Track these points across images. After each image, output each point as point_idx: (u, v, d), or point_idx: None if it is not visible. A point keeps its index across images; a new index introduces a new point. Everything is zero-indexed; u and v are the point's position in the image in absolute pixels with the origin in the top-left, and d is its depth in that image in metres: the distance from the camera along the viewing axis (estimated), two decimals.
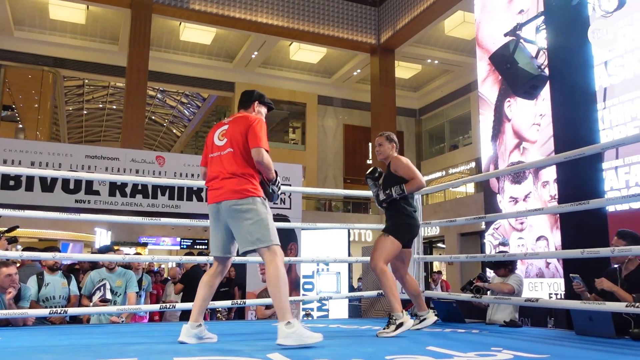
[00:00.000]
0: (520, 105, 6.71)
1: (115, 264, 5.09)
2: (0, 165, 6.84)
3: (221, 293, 6.90)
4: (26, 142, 9.76)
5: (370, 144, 21.54)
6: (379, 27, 20.14)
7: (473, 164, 21.06)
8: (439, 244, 19.89)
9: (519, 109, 6.74)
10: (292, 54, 21.52)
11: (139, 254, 12.05)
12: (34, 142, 10.24)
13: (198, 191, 7.75)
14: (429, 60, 21.25)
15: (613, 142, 3.84)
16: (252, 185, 2.94)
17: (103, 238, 14.82)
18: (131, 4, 16.86)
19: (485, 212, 6.95)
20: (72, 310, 4.44)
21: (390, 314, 3.43)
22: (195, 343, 2.87)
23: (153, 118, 29.23)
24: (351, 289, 11.84)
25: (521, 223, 6.58)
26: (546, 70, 6.26)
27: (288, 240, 8.02)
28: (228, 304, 5.19)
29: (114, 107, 26.81)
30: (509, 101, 6.90)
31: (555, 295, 5.99)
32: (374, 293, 5.23)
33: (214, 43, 20.53)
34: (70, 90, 24.21)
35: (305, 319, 7.64)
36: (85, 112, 27.57)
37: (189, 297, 6.20)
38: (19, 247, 6.40)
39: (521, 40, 6.71)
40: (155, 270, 10.02)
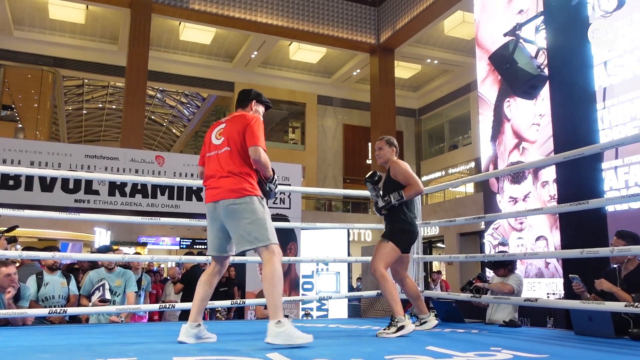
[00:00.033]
0: (520, 105, 6.71)
1: (114, 264, 5.09)
2: (0, 164, 6.84)
3: (221, 293, 6.90)
4: (26, 142, 9.76)
5: (369, 144, 21.54)
6: (379, 27, 20.13)
7: (472, 164, 21.07)
8: (438, 244, 19.90)
9: (518, 109, 6.74)
10: (292, 53, 21.52)
11: (139, 253, 12.06)
12: (34, 142, 10.24)
13: (197, 191, 7.75)
14: (429, 60, 21.26)
15: (612, 142, 3.85)
16: (250, 184, 2.93)
17: (102, 238, 14.80)
18: (131, 3, 16.85)
19: (485, 212, 6.95)
20: (72, 310, 4.44)
21: (392, 317, 3.44)
22: (194, 343, 2.87)
23: (152, 118, 29.22)
24: (350, 288, 11.84)
25: (520, 223, 6.58)
26: (546, 70, 6.27)
27: (287, 240, 8.03)
28: (227, 303, 5.19)
29: (114, 107, 26.80)
30: (509, 101, 6.90)
31: (553, 295, 5.99)
32: (373, 293, 5.23)
33: (214, 43, 20.52)
34: (69, 90, 24.21)
35: (304, 318, 7.64)
36: (84, 112, 27.56)
37: (188, 297, 6.19)
38: (19, 247, 6.39)
39: (521, 40, 6.72)
40: (155, 270, 10.02)
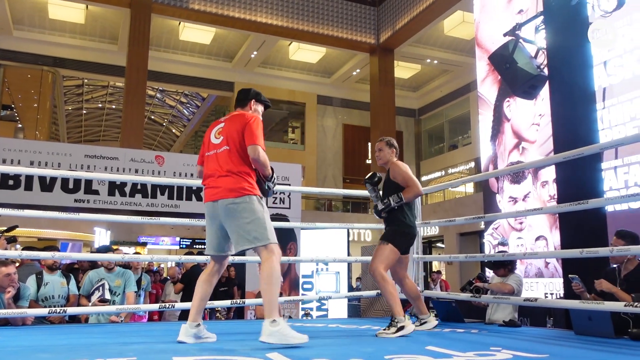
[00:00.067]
0: (520, 105, 6.71)
1: (114, 264, 5.08)
2: (0, 164, 6.84)
3: (220, 293, 6.90)
4: (25, 142, 9.75)
5: (369, 144, 21.54)
6: (379, 27, 20.13)
7: (472, 164, 21.07)
8: (438, 244, 19.90)
9: (518, 108, 6.75)
10: (292, 53, 21.51)
11: (138, 253, 12.06)
12: (33, 142, 10.23)
13: (197, 191, 7.75)
14: (429, 60, 21.26)
15: (612, 142, 3.85)
16: (249, 183, 2.94)
17: (102, 237, 14.80)
18: (130, 3, 16.84)
19: (485, 212, 6.95)
20: (71, 309, 4.43)
21: (392, 317, 3.44)
22: (194, 342, 2.87)
23: (152, 118, 29.22)
24: (350, 288, 11.84)
25: (520, 223, 6.58)
26: (545, 70, 6.27)
27: (287, 240, 8.03)
28: (227, 303, 5.19)
29: (114, 107, 26.79)
30: (508, 101, 6.90)
31: (551, 295, 5.99)
32: (373, 293, 5.23)
33: (214, 43, 20.52)
34: (69, 90, 24.20)
35: (304, 318, 7.63)
36: (84, 112, 27.56)
37: (189, 297, 6.17)
38: (18, 247, 6.39)
39: (520, 40, 6.72)
40: (155, 269, 10.02)
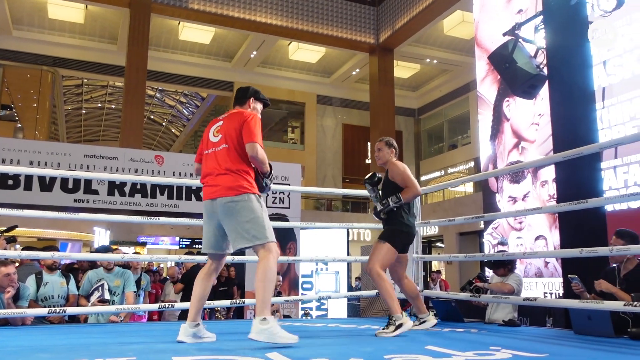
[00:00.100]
0: (519, 105, 6.71)
1: (113, 264, 5.08)
2: None
3: (220, 292, 6.91)
4: (25, 142, 9.75)
5: (369, 144, 21.54)
6: (378, 27, 20.13)
7: (472, 164, 21.08)
8: (437, 244, 19.91)
9: (517, 108, 6.75)
10: (291, 53, 21.51)
11: (138, 253, 12.06)
12: (33, 142, 10.23)
13: (197, 190, 7.75)
14: (428, 60, 21.26)
15: (611, 142, 3.84)
16: (247, 181, 2.94)
17: (102, 237, 14.78)
18: (130, 3, 16.84)
19: (484, 212, 6.95)
20: (71, 309, 4.43)
21: (390, 315, 3.44)
22: (193, 342, 2.87)
23: (152, 117, 29.21)
24: (350, 288, 11.84)
25: (520, 222, 6.58)
26: (545, 70, 6.27)
27: (287, 240, 8.03)
28: (227, 303, 5.19)
29: (113, 107, 26.78)
30: (508, 101, 6.90)
31: (550, 295, 5.99)
32: (372, 293, 5.23)
33: (213, 42, 20.51)
34: (69, 90, 24.19)
35: (304, 318, 7.64)
36: (84, 112, 27.55)
37: (189, 297, 6.17)
38: (18, 247, 6.39)
39: (520, 40, 6.72)
40: (154, 269, 10.02)
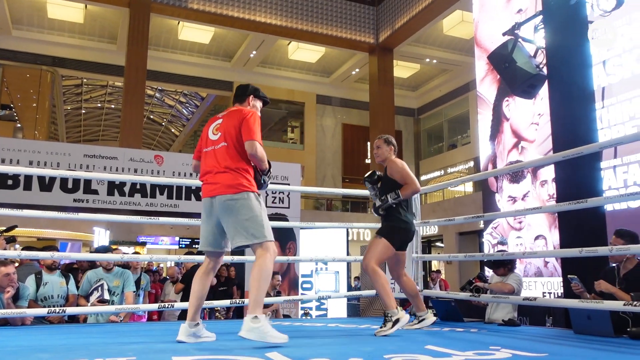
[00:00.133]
0: (519, 105, 6.72)
1: (112, 264, 5.07)
2: None
3: (220, 292, 6.91)
4: (24, 142, 9.75)
5: (368, 144, 21.54)
6: (378, 27, 20.13)
7: (471, 163, 21.08)
8: (437, 243, 19.91)
9: (517, 108, 6.75)
10: (291, 53, 21.51)
11: (138, 253, 12.06)
12: (32, 142, 10.23)
13: (196, 190, 7.74)
14: (428, 60, 21.26)
15: (611, 141, 3.84)
16: (247, 180, 2.94)
17: (101, 237, 14.78)
18: (129, 3, 16.83)
19: (484, 211, 6.95)
20: (71, 309, 4.43)
21: (385, 312, 3.44)
22: (193, 342, 2.87)
23: (151, 117, 29.21)
24: (349, 288, 11.84)
25: (520, 222, 6.58)
26: (544, 70, 6.27)
27: (287, 239, 8.03)
28: (226, 303, 5.19)
29: (113, 107, 26.78)
30: (508, 100, 6.90)
31: (549, 294, 6.00)
32: (372, 292, 5.23)
33: (213, 42, 20.51)
34: (68, 90, 24.18)
35: (304, 318, 7.64)
36: (83, 112, 27.54)
37: (189, 297, 6.19)
38: (18, 247, 6.39)
39: (519, 40, 6.72)
40: (154, 269, 10.02)
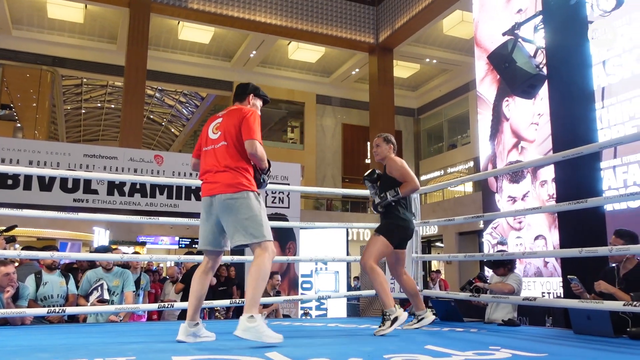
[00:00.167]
0: (519, 105, 6.72)
1: (112, 264, 5.07)
2: None
3: (220, 292, 6.91)
4: (24, 141, 9.75)
5: (368, 144, 21.54)
6: (378, 27, 20.13)
7: (471, 163, 21.08)
8: (437, 243, 19.91)
9: (517, 108, 6.75)
10: (291, 53, 21.51)
11: (138, 253, 12.06)
12: (32, 141, 10.22)
13: (196, 190, 7.74)
14: (428, 60, 21.26)
15: (611, 141, 3.84)
16: (247, 179, 2.94)
17: (101, 237, 14.78)
18: (129, 3, 16.83)
19: (484, 211, 6.95)
20: (70, 309, 4.43)
21: (383, 311, 3.44)
22: (193, 342, 2.87)
23: (151, 117, 29.21)
24: (349, 288, 11.84)
25: (519, 222, 6.58)
26: (544, 70, 6.27)
27: (286, 239, 8.03)
28: (226, 303, 5.19)
29: (113, 106, 26.78)
30: (507, 100, 6.91)
31: (548, 294, 6.00)
32: (372, 292, 5.23)
33: (212, 42, 20.51)
34: (68, 90, 24.17)
35: (303, 317, 7.64)
36: (83, 111, 27.54)
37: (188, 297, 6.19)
38: (17, 246, 6.39)
39: (519, 40, 6.72)
40: (154, 269, 10.02)
